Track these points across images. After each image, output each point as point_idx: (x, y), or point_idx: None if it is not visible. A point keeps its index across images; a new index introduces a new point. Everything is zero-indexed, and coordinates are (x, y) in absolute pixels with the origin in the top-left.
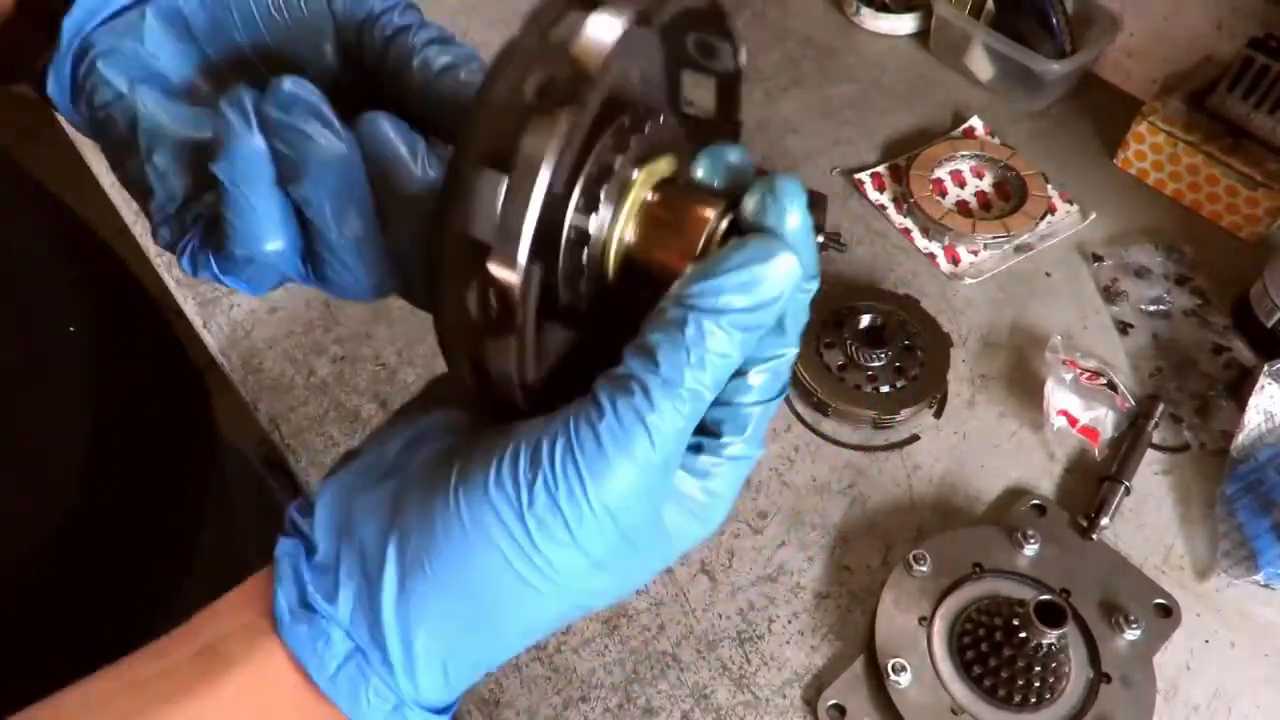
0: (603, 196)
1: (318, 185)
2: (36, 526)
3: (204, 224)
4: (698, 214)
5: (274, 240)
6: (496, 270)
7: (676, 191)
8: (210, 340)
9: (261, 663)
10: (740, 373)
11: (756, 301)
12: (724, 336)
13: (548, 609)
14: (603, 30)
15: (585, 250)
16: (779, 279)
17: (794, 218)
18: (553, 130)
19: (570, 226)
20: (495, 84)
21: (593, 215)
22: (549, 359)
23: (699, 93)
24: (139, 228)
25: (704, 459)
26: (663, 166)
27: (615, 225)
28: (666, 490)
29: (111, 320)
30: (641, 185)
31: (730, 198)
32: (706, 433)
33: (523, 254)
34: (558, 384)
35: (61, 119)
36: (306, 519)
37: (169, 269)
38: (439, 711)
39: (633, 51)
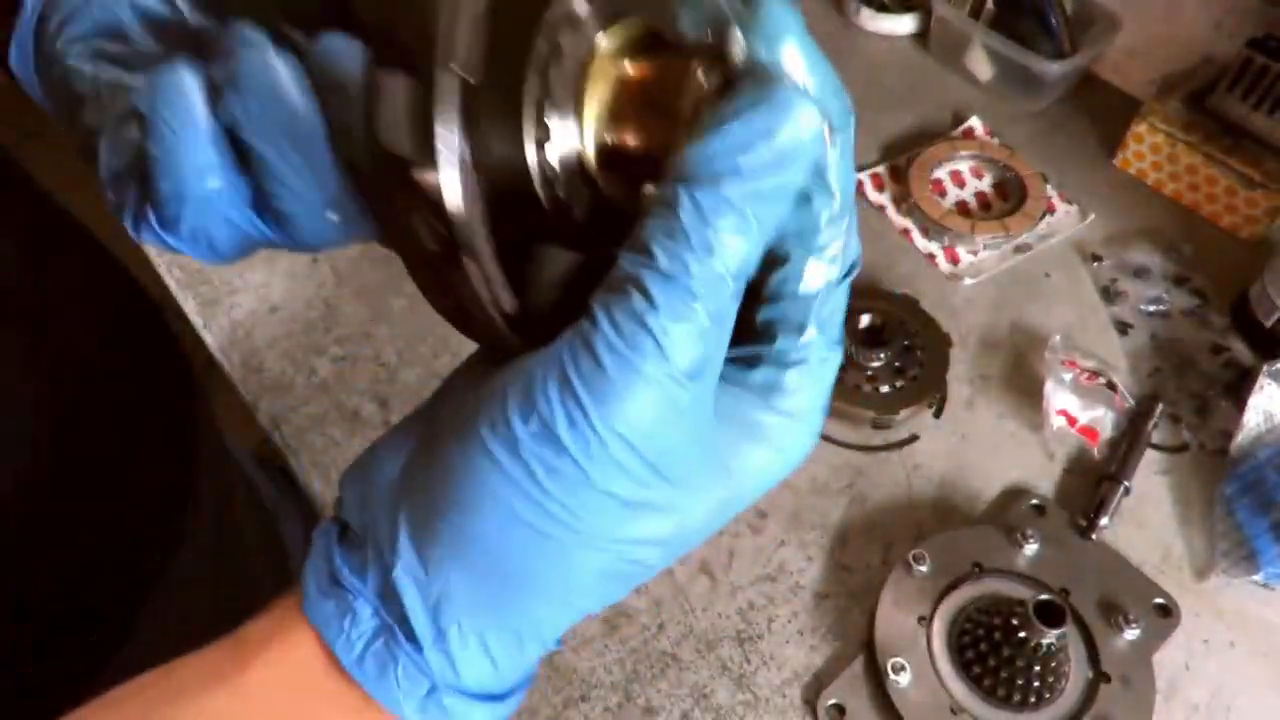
0: (556, 78)
1: (246, 101)
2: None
3: (140, 177)
4: (679, 75)
5: (209, 176)
6: (422, 178)
7: (651, 55)
8: (210, 340)
9: (288, 645)
10: (781, 257)
11: (763, 159)
12: (730, 209)
13: (581, 562)
14: None
15: (549, 150)
16: (787, 124)
17: (790, 48)
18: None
19: (527, 122)
20: None
21: (549, 104)
22: (549, 286)
23: None
24: None
25: (762, 372)
26: (631, 28)
27: (584, 113)
28: (704, 410)
29: (111, 321)
30: (607, 58)
31: (714, 47)
32: (762, 340)
33: (446, 159)
34: (570, 315)
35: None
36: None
37: (169, 270)
38: (495, 698)
39: None
